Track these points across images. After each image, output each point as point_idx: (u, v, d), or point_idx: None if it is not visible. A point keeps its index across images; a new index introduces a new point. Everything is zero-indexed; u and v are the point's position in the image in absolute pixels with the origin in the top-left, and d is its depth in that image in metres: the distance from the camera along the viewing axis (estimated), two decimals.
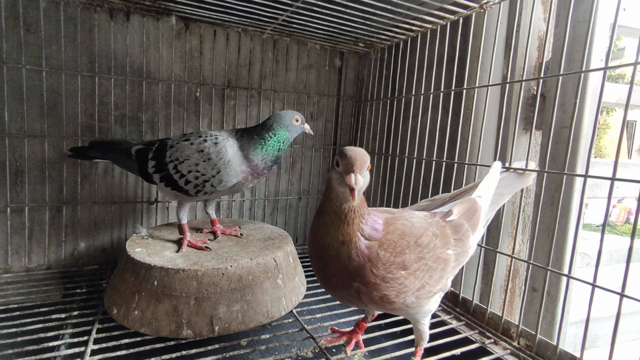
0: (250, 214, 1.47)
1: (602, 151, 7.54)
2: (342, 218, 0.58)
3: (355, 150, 0.56)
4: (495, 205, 0.78)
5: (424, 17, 1.06)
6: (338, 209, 0.58)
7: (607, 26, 0.92)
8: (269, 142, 0.95)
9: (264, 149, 0.95)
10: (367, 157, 0.57)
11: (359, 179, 0.53)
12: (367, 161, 0.56)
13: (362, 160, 0.55)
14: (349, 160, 0.54)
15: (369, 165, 0.57)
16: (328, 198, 0.60)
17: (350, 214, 0.58)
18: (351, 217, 0.58)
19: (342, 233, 0.58)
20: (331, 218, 0.58)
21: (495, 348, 0.82)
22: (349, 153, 0.55)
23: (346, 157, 0.55)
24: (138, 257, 0.85)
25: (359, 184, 0.53)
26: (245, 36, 1.36)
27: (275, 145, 0.96)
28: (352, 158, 0.54)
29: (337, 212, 0.58)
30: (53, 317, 0.85)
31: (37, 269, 1.15)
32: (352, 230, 0.58)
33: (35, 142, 1.13)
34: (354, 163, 0.54)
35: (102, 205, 1.23)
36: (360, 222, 0.58)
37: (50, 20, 1.11)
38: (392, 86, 1.33)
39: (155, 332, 0.77)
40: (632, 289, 0.65)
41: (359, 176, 0.53)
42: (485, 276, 1.03)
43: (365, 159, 0.56)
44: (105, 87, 1.20)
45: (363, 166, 0.55)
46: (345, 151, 0.56)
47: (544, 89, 0.98)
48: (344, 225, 0.58)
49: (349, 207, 0.58)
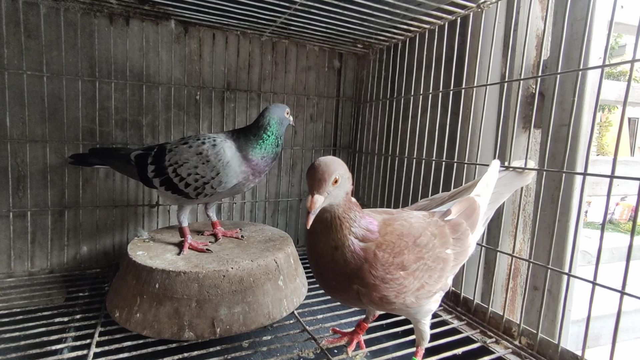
0: (251, 215, 1.47)
1: (605, 149, 7.51)
2: (328, 226, 0.58)
3: (320, 165, 0.54)
4: (494, 204, 0.78)
5: (421, 17, 1.06)
6: (322, 217, 0.58)
7: (605, 24, 0.92)
8: (267, 140, 0.95)
9: (262, 148, 0.95)
10: (332, 171, 0.54)
11: (315, 201, 0.52)
12: (330, 175, 0.54)
13: (321, 180, 0.53)
14: (308, 179, 0.54)
15: (337, 178, 0.54)
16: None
17: (335, 221, 0.57)
18: (337, 224, 0.57)
19: (333, 239, 0.58)
20: (319, 226, 0.58)
21: (496, 347, 0.82)
22: (310, 171, 0.54)
23: (307, 176, 0.54)
24: (139, 260, 0.85)
25: (316, 205, 0.52)
26: (244, 39, 1.37)
27: (273, 142, 0.96)
28: (310, 177, 0.54)
29: (323, 221, 0.58)
30: (56, 320, 0.85)
31: (40, 273, 1.16)
32: (342, 235, 0.57)
33: (36, 147, 1.14)
34: (313, 183, 0.53)
35: (104, 209, 1.24)
36: (351, 225, 0.58)
37: (50, 25, 1.12)
38: (391, 87, 1.34)
39: (157, 335, 0.78)
40: (634, 287, 0.64)
41: (316, 197, 0.53)
42: (486, 275, 1.03)
43: (325, 175, 0.53)
44: (106, 91, 1.20)
45: (322, 185, 0.53)
46: (311, 166, 0.55)
47: (543, 87, 0.98)
48: (332, 232, 0.57)
49: (331, 215, 0.57)
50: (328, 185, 0.54)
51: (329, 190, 0.54)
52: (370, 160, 1.46)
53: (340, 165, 0.57)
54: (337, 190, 0.56)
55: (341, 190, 0.57)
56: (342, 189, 0.57)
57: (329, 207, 0.57)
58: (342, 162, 0.58)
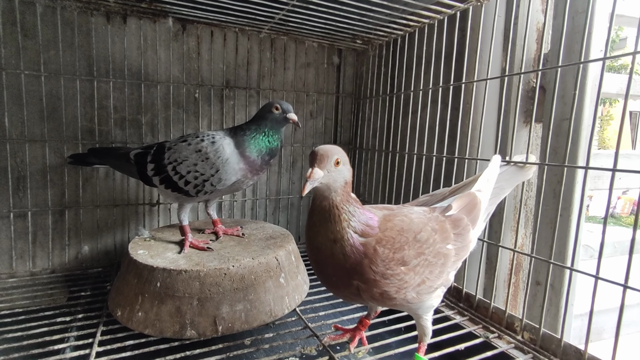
0: (252, 213, 1.47)
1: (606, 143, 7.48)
2: (327, 216, 0.58)
3: (323, 146, 0.58)
4: (495, 199, 0.78)
5: (421, 12, 1.05)
6: (320, 207, 0.58)
7: (606, 16, 0.91)
8: (257, 137, 0.95)
9: (255, 145, 0.94)
10: (334, 153, 0.57)
11: (314, 173, 0.54)
12: (331, 156, 0.56)
13: (324, 156, 0.56)
14: (311, 155, 0.57)
15: (338, 160, 0.57)
16: (312, 198, 0.61)
17: (333, 210, 0.58)
18: (336, 214, 0.58)
19: (332, 231, 0.58)
20: (318, 218, 0.59)
21: (499, 342, 0.81)
22: (314, 149, 0.57)
23: (311, 153, 0.57)
24: (141, 259, 0.85)
25: (314, 177, 0.54)
26: (243, 36, 1.36)
27: (263, 139, 0.95)
28: (313, 153, 0.57)
29: (321, 211, 0.58)
30: (58, 320, 0.85)
31: (42, 273, 1.16)
32: (341, 228, 0.58)
33: (36, 147, 1.14)
34: (315, 158, 0.56)
35: (105, 208, 1.24)
36: (350, 219, 0.58)
37: (47, 25, 1.12)
38: (391, 82, 1.33)
39: (159, 333, 0.78)
40: (636, 281, 0.64)
41: (316, 170, 0.55)
42: (488, 271, 1.02)
43: (329, 154, 0.56)
44: (104, 90, 1.20)
45: (324, 161, 0.55)
46: (313, 149, 0.58)
47: (544, 81, 0.97)
48: (331, 223, 0.58)
49: (329, 204, 0.58)
50: (329, 164, 0.56)
51: (329, 168, 0.56)
52: (371, 156, 1.45)
53: (342, 152, 0.59)
54: (337, 174, 0.57)
55: (340, 176, 0.58)
56: (342, 174, 0.58)
57: (327, 193, 0.57)
58: (344, 151, 0.60)
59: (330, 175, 0.56)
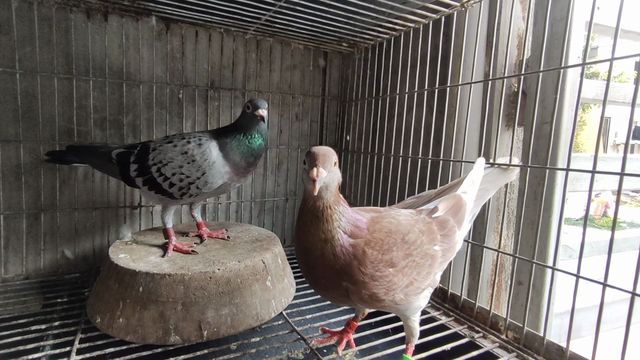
0: (237, 216, 1.45)
1: (580, 147, 7.79)
2: (319, 216, 0.58)
3: (320, 147, 0.58)
4: (480, 201, 0.79)
5: (406, 16, 1.06)
6: (313, 207, 0.59)
7: (583, 24, 0.95)
8: (239, 138, 0.93)
9: (238, 147, 0.93)
10: (332, 153, 0.58)
11: (321, 172, 0.55)
12: (331, 157, 0.57)
13: (326, 156, 0.57)
14: (312, 156, 0.57)
15: (335, 161, 0.58)
16: (304, 199, 0.61)
17: (326, 210, 0.58)
18: (328, 214, 0.58)
19: (323, 231, 0.58)
20: (310, 218, 0.59)
21: (484, 342, 0.83)
22: (313, 150, 0.57)
23: (310, 154, 0.57)
24: (122, 263, 0.82)
25: (321, 176, 0.55)
26: (228, 37, 1.34)
27: (243, 140, 0.93)
28: (314, 154, 0.57)
29: (314, 211, 0.59)
30: (33, 328, 0.81)
31: (15, 279, 1.11)
32: (332, 228, 0.58)
33: (9, 147, 1.09)
34: (317, 158, 0.56)
35: (83, 211, 1.20)
36: (340, 219, 0.59)
37: (23, 20, 1.07)
38: (377, 85, 1.34)
39: (142, 340, 0.75)
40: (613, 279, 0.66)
41: (321, 169, 0.55)
42: (472, 271, 1.04)
43: (329, 154, 0.57)
44: (84, 89, 1.16)
45: (326, 161, 0.56)
46: (310, 149, 0.58)
47: (525, 86, 1.00)
48: (322, 223, 0.58)
49: (322, 204, 0.58)
50: (330, 164, 0.57)
51: (330, 169, 0.56)
52: (357, 158, 1.46)
53: (335, 153, 0.60)
54: (333, 174, 0.58)
55: (337, 176, 0.59)
56: (337, 175, 0.60)
57: (323, 193, 0.58)
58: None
59: (329, 177, 0.57)
